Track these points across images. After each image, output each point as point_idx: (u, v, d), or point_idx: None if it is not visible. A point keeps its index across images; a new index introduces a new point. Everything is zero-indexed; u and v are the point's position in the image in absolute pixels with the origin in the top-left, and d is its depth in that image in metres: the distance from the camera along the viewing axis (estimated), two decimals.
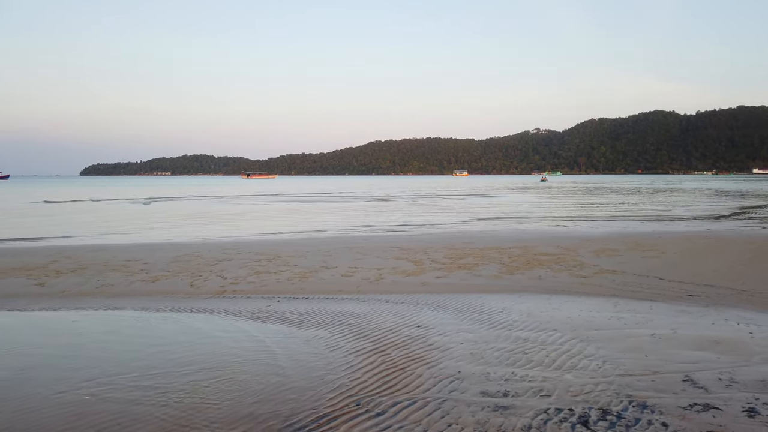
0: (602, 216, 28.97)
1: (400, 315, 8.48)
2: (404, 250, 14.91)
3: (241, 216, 31.61)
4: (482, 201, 48.50)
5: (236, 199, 55.10)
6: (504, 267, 11.92)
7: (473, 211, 34.31)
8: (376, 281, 10.62)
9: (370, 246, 15.76)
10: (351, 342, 7.21)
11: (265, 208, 39.24)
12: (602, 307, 8.67)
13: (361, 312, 8.69)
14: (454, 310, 8.74)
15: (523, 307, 8.77)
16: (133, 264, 12.52)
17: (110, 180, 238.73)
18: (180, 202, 48.06)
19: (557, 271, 11.44)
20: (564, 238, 17.47)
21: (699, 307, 8.45)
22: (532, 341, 7.10)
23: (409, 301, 9.29)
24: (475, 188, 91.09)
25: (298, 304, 9.17)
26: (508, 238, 17.62)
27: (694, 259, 12.75)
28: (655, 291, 9.57)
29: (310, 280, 10.75)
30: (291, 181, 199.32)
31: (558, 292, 9.74)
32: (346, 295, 9.76)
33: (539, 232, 20.09)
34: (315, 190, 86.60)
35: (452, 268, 11.78)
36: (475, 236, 18.58)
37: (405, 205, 42.22)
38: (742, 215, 28.73)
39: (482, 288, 10.09)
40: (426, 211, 34.85)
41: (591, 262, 12.46)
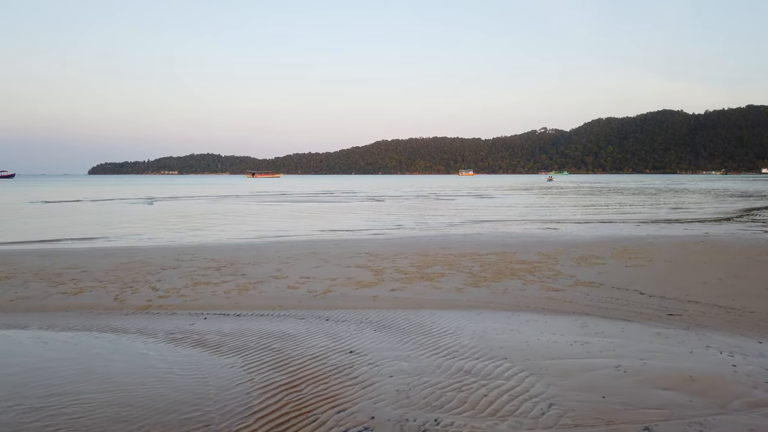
0: (599, 218, 27.78)
1: (335, 337, 7.39)
2: (372, 256, 13.82)
3: (225, 217, 30.61)
4: (480, 202, 47.36)
5: (232, 199, 54.19)
6: (471, 277, 10.80)
7: (466, 213, 33.18)
8: (322, 294, 9.52)
9: (337, 251, 14.68)
10: (265, 373, 6.14)
11: (255, 209, 38.24)
12: (567, 328, 7.55)
13: (292, 333, 7.61)
14: (399, 330, 7.64)
15: (477, 328, 7.66)
16: (68, 272, 11.48)
17: (116, 179, 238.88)
18: (177, 203, 47.17)
19: (528, 282, 10.31)
20: (548, 243, 16.33)
21: (678, 330, 7.31)
22: (474, 374, 6.00)
23: (351, 319, 8.20)
24: (478, 188, 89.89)
25: (224, 323, 8.10)
26: (490, 243, 16.49)
27: (684, 268, 11.58)
28: (632, 308, 8.43)
29: (250, 292, 9.67)
30: (295, 180, 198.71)
31: (522, 308, 8.62)
32: (284, 311, 8.67)
33: (526, 235, 18.95)
34: (316, 189, 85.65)
35: (413, 279, 10.68)
36: (456, 240, 17.46)
37: (398, 206, 41.13)
38: (745, 217, 27.47)
39: (438, 303, 8.98)
40: (417, 213, 33.75)
41: (569, 272, 11.32)
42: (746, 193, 60.27)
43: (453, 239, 17.92)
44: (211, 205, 42.27)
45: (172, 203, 45.67)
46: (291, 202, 47.16)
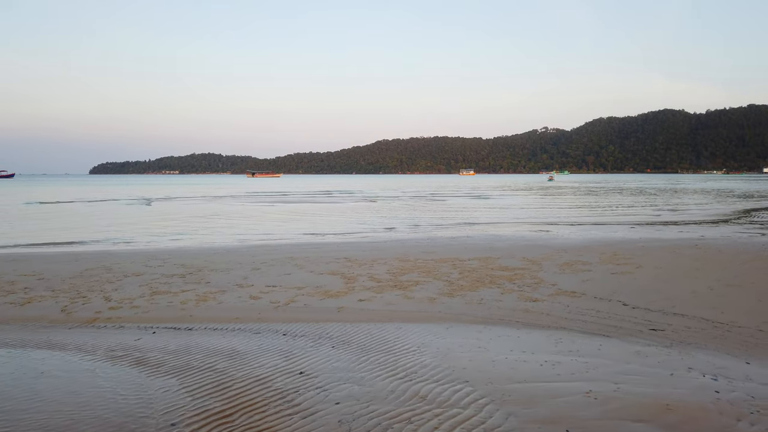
0: (594, 220, 27.16)
1: (288, 355, 6.81)
2: (350, 261, 13.23)
3: (213, 219, 30.03)
4: (476, 203, 46.77)
5: (227, 199, 53.62)
6: (447, 286, 10.21)
7: (459, 215, 32.59)
8: (284, 306, 8.93)
9: (315, 256, 14.09)
10: (199, 399, 5.56)
11: (247, 210, 37.66)
12: (540, 345, 6.95)
13: (243, 350, 7.03)
14: (358, 347, 7.05)
15: (443, 345, 7.07)
16: (24, 280, 10.90)
17: (116, 179, 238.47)
18: (171, 204, 46.61)
19: (507, 291, 9.71)
20: (537, 247, 15.73)
21: (659, 348, 6.71)
22: (429, 401, 5.41)
23: (310, 334, 7.61)
24: (477, 188, 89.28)
25: (173, 338, 7.52)
26: (476, 247, 15.90)
27: (673, 276, 10.98)
28: (612, 322, 7.83)
29: (208, 303, 9.08)
30: (295, 180, 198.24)
31: (495, 321, 8.02)
32: (240, 325, 8.08)
33: (516, 238, 18.34)
34: (313, 189, 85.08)
35: (385, 288, 10.08)
36: (442, 244, 16.87)
37: (392, 207, 40.53)
38: (744, 219, 26.84)
39: (407, 315, 8.39)
40: (409, 214, 33.15)
41: (551, 279, 10.72)
42: (747, 194, 59.60)
43: (439, 242, 17.33)
44: (204, 206, 41.72)
45: (167, 204, 45.12)
46: (285, 203, 46.59)
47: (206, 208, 38.81)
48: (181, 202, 48.49)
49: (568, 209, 36.11)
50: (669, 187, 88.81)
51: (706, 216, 29.12)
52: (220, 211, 35.55)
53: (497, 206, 40.59)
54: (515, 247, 15.78)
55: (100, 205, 42.69)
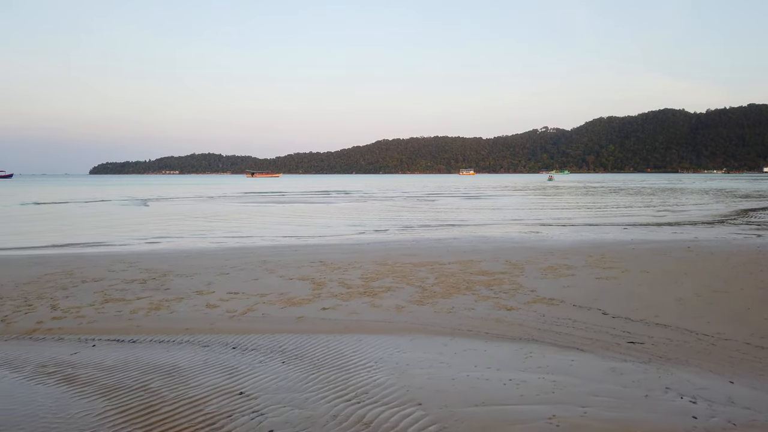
0: (588, 220, 26.58)
1: (233, 372, 6.23)
2: (325, 265, 12.66)
3: (200, 220, 29.45)
4: (471, 203, 46.19)
5: (222, 200, 53.07)
6: (420, 292, 9.63)
7: (452, 215, 32.03)
8: (241, 315, 8.35)
9: (290, 259, 13.52)
10: (119, 427, 4.99)
11: (237, 211, 37.09)
12: (507, 360, 6.37)
13: (184, 366, 6.46)
14: (311, 363, 6.48)
15: (402, 360, 6.49)
16: None
17: (115, 179, 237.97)
18: (165, 204, 46.02)
19: (481, 299, 9.13)
20: (523, 250, 15.15)
21: (636, 364, 6.13)
22: (372, 429, 4.83)
23: (262, 347, 7.04)
24: (476, 188, 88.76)
25: (112, 352, 6.94)
26: (460, 250, 15.32)
27: (660, 281, 10.40)
28: (589, 334, 7.25)
29: (160, 312, 8.50)
30: (294, 180, 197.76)
31: (463, 333, 7.44)
32: (190, 337, 7.51)
33: (503, 240, 17.76)
34: (310, 189, 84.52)
35: (354, 295, 9.50)
36: (426, 246, 16.29)
37: (385, 207, 39.95)
38: (740, 219, 26.24)
39: (370, 326, 7.81)
40: (401, 215, 32.56)
41: (531, 285, 10.14)
42: (746, 193, 59.00)
43: (423, 245, 16.76)
44: (194, 207, 41.17)
45: (159, 205, 44.55)
46: (277, 203, 46.02)
47: (196, 209, 38.26)
48: (173, 202, 47.95)
49: (563, 210, 35.54)
50: (668, 186, 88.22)
51: (703, 216, 28.54)
52: (208, 212, 34.98)
53: (492, 206, 40.02)
54: (500, 250, 15.20)
55: (93, 206, 42.13)
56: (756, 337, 6.87)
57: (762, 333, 7.04)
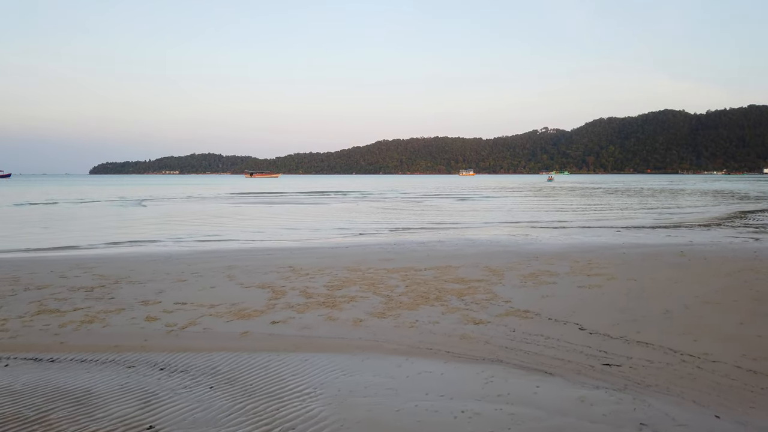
0: (580, 222, 25.80)
1: (148, 401, 5.48)
2: (293, 271, 11.89)
3: (184, 223, 28.67)
4: (467, 204, 45.42)
5: (214, 200, 52.32)
6: (385, 303, 8.85)
7: (443, 216, 31.25)
8: (181, 329, 7.57)
9: (257, 264, 12.74)
10: None
11: (227, 211, 36.31)
12: (465, 386, 5.59)
13: (98, 391, 5.71)
14: (242, 389, 5.72)
15: (346, 385, 5.71)
16: None
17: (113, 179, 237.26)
18: (157, 204, 45.23)
19: (450, 311, 8.34)
20: (507, 254, 14.38)
21: (610, 392, 5.34)
22: None
23: (193, 369, 6.26)
24: (473, 189, 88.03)
25: (25, 373, 6.19)
26: (440, 254, 14.55)
27: (647, 290, 9.61)
28: (561, 353, 6.46)
29: (91, 326, 7.73)
30: (292, 180, 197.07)
31: (422, 352, 6.66)
32: (116, 355, 6.72)
33: (489, 243, 16.98)
34: (307, 189, 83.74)
35: (312, 306, 8.72)
36: (407, 249, 15.52)
37: (375, 208, 39.18)
38: (738, 221, 25.45)
39: (320, 343, 7.03)
40: (391, 216, 31.78)
41: (507, 294, 9.35)
42: (745, 195, 58.21)
43: (405, 248, 15.98)
44: (185, 207, 40.41)
45: (152, 206, 43.72)
46: (269, 204, 45.24)
47: (184, 210, 37.52)
48: (165, 203, 47.18)
49: (558, 211, 34.78)
50: (668, 187, 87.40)
51: (700, 218, 27.75)
52: (195, 213, 34.22)
53: (486, 208, 39.25)
54: (484, 254, 14.42)
55: (83, 207, 41.30)
56: (747, 359, 6.09)
57: (754, 354, 6.26)
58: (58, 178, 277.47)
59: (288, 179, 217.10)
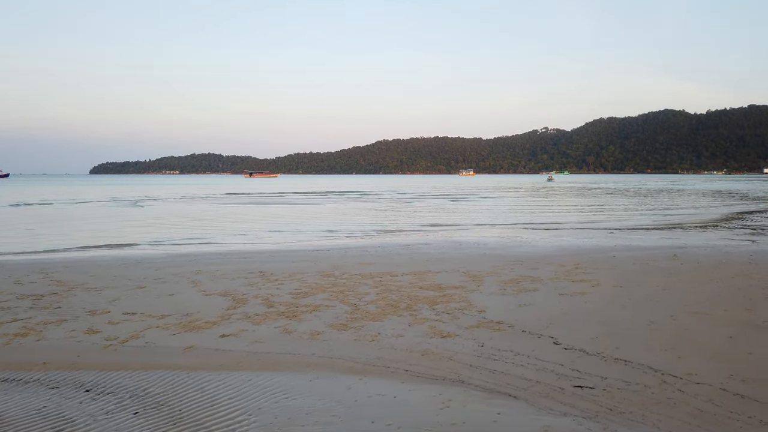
0: (573, 224, 25.19)
1: (60, 428, 4.88)
2: (263, 276, 11.28)
3: (175, 222, 28.05)
4: (462, 204, 44.80)
5: (206, 200, 51.69)
6: (350, 313, 8.23)
7: (435, 217, 30.65)
8: (121, 343, 6.96)
9: (226, 269, 12.13)
10: None
11: (212, 213, 35.72)
12: (417, 413, 4.97)
13: (8, 418, 5.19)
14: (169, 415, 5.14)
15: (285, 411, 5.11)
16: None
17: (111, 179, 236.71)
18: (151, 204, 44.62)
19: (418, 321, 7.73)
20: (491, 258, 13.77)
21: (578, 420, 4.73)
22: None
23: (123, 389, 5.68)
24: (471, 188, 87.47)
25: None
26: (423, 258, 13.96)
27: (632, 298, 8.99)
28: (530, 372, 5.85)
29: (25, 339, 7.14)
30: (291, 180, 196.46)
31: (378, 370, 6.04)
32: (42, 374, 6.17)
33: (474, 246, 16.38)
34: (304, 189, 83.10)
35: (271, 316, 8.11)
36: (388, 253, 14.92)
37: (368, 209, 38.57)
38: (735, 222, 24.82)
39: (269, 360, 6.41)
40: (381, 217, 31.18)
41: (482, 303, 8.73)
42: (744, 195, 57.56)
43: (388, 251, 15.37)
44: (176, 208, 39.83)
45: (144, 206, 43.08)
46: (259, 204, 44.62)
47: (174, 211, 36.93)
48: (159, 203, 46.57)
49: (553, 212, 34.16)
50: (667, 188, 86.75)
51: (697, 219, 27.13)
52: (183, 214, 33.61)
53: (482, 208, 38.65)
54: (467, 258, 13.81)
55: (76, 208, 40.63)
56: (735, 381, 5.47)
57: (743, 374, 5.64)
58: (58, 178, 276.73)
59: (287, 179, 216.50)
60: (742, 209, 34.80)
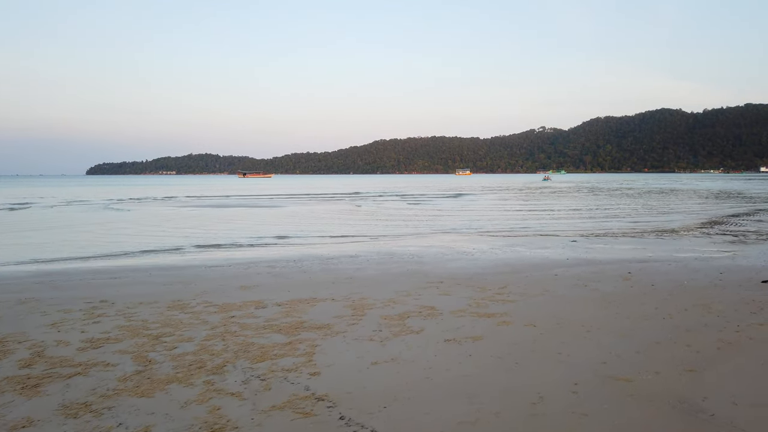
0: (536, 230, 22.77)
1: None
2: (92, 308, 8.84)
3: (109, 227, 25.57)
4: (440, 205, 42.37)
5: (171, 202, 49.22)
6: (125, 378, 5.79)
7: (392, 222, 28.18)
8: None
9: (62, 296, 9.66)
10: None
11: (152, 215, 33.23)
12: None
13: None
14: None
15: None
16: None
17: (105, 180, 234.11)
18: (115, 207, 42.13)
19: (203, 397, 5.29)
20: (409, 276, 11.36)
21: None
22: None
23: None
24: (461, 188, 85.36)
25: None
26: (328, 276, 11.54)
27: (538, 349, 6.51)
28: None
29: None
30: (283, 180, 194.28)
31: None
32: None
33: (408, 259, 13.98)
34: (288, 190, 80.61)
35: (9, 384, 5.63)
36: (294, 269, 12.52)
37: (328, 211, 36.11)
38: (718, 228, 22.37)
39: None
40: (333, 222, 28.71)
41: (327, 358, 6.27)
42: (738, 194, 55.10)
43: (296, 267, 12.96)
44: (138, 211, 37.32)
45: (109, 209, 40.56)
46: (218, 207, 42.12)
47: (114, 217, 34.42)
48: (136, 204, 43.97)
49: (524, 217, 31.71)
50: (660, 187, 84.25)
51: (679, 223, 24.68)
52: (134, 219, 31.10)
53: (456, 209, 36.25)
54: (379, 278, 11.37)
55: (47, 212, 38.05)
56: None
57: None
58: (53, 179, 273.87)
59: (280, 179, 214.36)
60: (732, 211, 32.37)
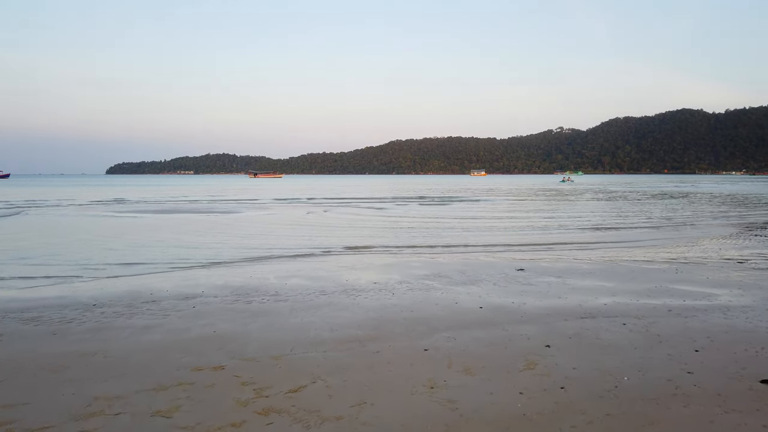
0: (484, 247, 18.93)
1: None
2: None
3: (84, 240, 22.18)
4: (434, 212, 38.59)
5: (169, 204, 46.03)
6: None
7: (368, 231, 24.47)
8: None
9: None
10: None
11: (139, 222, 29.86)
12: None
13: None
14: None
15: None
16: None
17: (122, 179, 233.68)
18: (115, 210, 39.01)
19: None
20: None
21: None
22: None
23: None
24: (472, 190, 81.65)
25: None
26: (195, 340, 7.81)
27: None
28: None
29: None
30: (294, 180, 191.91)
31: None
32: None
33: (332, 292, 10.22)
34: (292, 193, 77.34)
35: None
36: (163, 308, 8.82)
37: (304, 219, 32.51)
38: (719, 252, 18.30)
39: None
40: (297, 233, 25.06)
41: None
42: (759, 200, 50.40)
43: (154, 296, 9.28)
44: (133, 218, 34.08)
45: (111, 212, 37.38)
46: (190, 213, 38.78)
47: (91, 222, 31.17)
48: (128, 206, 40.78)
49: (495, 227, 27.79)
50: (677, 190, 79.28)
51: (670, 241, 20.61)
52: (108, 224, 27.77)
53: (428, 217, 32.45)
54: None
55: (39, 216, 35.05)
56: None
57: None
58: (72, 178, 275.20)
59: (291, 180, 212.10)
60: (746, 220, 28.11)
